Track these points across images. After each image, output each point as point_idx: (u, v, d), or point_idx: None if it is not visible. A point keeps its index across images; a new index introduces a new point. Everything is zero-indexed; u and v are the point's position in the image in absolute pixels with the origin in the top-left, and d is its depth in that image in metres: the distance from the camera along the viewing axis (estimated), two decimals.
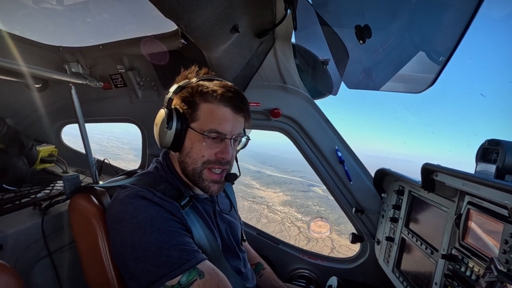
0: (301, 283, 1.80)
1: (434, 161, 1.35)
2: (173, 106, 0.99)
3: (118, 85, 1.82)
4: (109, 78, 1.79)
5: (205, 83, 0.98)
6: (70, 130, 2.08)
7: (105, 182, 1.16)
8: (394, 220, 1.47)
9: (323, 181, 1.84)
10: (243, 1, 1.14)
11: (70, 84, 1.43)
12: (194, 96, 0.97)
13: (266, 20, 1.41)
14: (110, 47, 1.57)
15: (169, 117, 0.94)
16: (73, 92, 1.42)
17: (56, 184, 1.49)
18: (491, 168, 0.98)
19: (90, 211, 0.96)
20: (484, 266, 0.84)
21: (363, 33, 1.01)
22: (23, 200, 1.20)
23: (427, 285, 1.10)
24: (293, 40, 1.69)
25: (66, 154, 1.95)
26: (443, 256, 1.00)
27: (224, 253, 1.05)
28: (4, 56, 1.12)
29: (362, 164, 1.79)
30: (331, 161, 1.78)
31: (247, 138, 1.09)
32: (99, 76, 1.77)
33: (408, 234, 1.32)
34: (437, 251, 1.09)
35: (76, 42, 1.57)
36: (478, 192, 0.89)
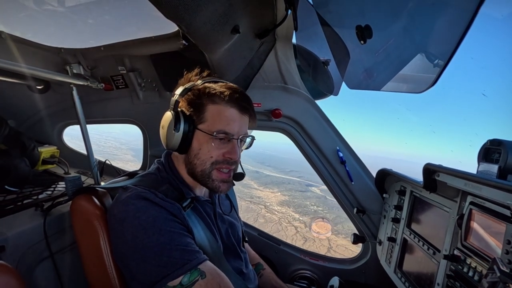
0: (303, 284, 1.79)
1: (435, 161, 1.35)
2: (180, 109, 0.99)
3: (119, 86, 1.82)
4: (111, 79, 1.79)
5: (212, 85, 0.99)
6: (68, 130, 2.09)
7: (106, 183, 1.17)
8: (395, 220, 1.47)
9: (325, 181, 1.84)
10: (244, 2, 1.14)
11: (71, 86, 1.43)
12: (202, 98, 0.97)
13: (266, 20, 1.41)
14: (111, 48, 1.58)
15: (176, 119, 0.94)
16: (75, 93, 1.42)
17: (58, 185, 1.50)
18: (493, 168, 0.98)
19: (92, 212, 0.96)
20: (487, 266, 0.83)
21: (364, 33, 1.01)
22: (25, 201, 1.21)
23: (429, 286, 1.09)
24: (294, 40, 1.69)
25: (67, 155, 1.96)
26: (445, 257, 1.00)
27: (225, 254, 1.05)
28: (6, 58, 1.12)
29: (364, 165, 1.79)
30: (332, 161, 1.77)
31: (252, 138, 1.10)
32: (100, 77, 1.77)
33: (410, 235, 1.32)
34: (439, 251, 1.08)
35: (77, 43, 1.58)
36: (480, 192, 0.89)
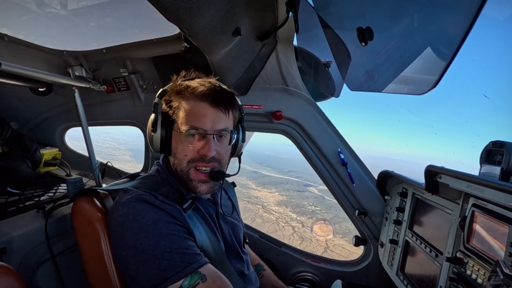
0: (304, 286, 1.78)
1: (437, 163, 1.34)
2: (163, 110, 1.00)
3: (121, 89, 1.83)
4: (112, 82, 1.80)
5: (184, 83, 0.98)
6: (68, 131, 2.09)
7: (108, 185, 1.17)
8: (397, 222, 1.46)
9: (326, 183, 1.84)
10: (245, 4, 1.15)
11: (73, 88, 1.44)
12: (174, 96, 0.98)
13: (268, 23, 1.41)
14: (113, 50, 1.59)
15: (154, 122, 0.96)
16: (77, 95, 1.43)
17: (60, 187, 1.50)
18: (496, 170, 0.97)
19: (93, 214, 0.96)
20: (490, 269, 0.83)
21: (365, 35, 1.01)
22: (27, 203, 1.21)
23: None
24: (295, 42, 1.69)
25: (69, 157, 1.96)
26: (448, 259, 0.99)
27: (227, 255, 1.04)
28: (9, 60, 1.13)
29: (365, 166, 1.79)
30: (333, 163, 1.77)
31: (235, 133, 1.06)
32: (102, 79, 1.78)
33: (412, 237, 1.31)
34: (441, 254, 1.07)
35: (79, 46, 1.59)
36: (482, 194, 0.88)
